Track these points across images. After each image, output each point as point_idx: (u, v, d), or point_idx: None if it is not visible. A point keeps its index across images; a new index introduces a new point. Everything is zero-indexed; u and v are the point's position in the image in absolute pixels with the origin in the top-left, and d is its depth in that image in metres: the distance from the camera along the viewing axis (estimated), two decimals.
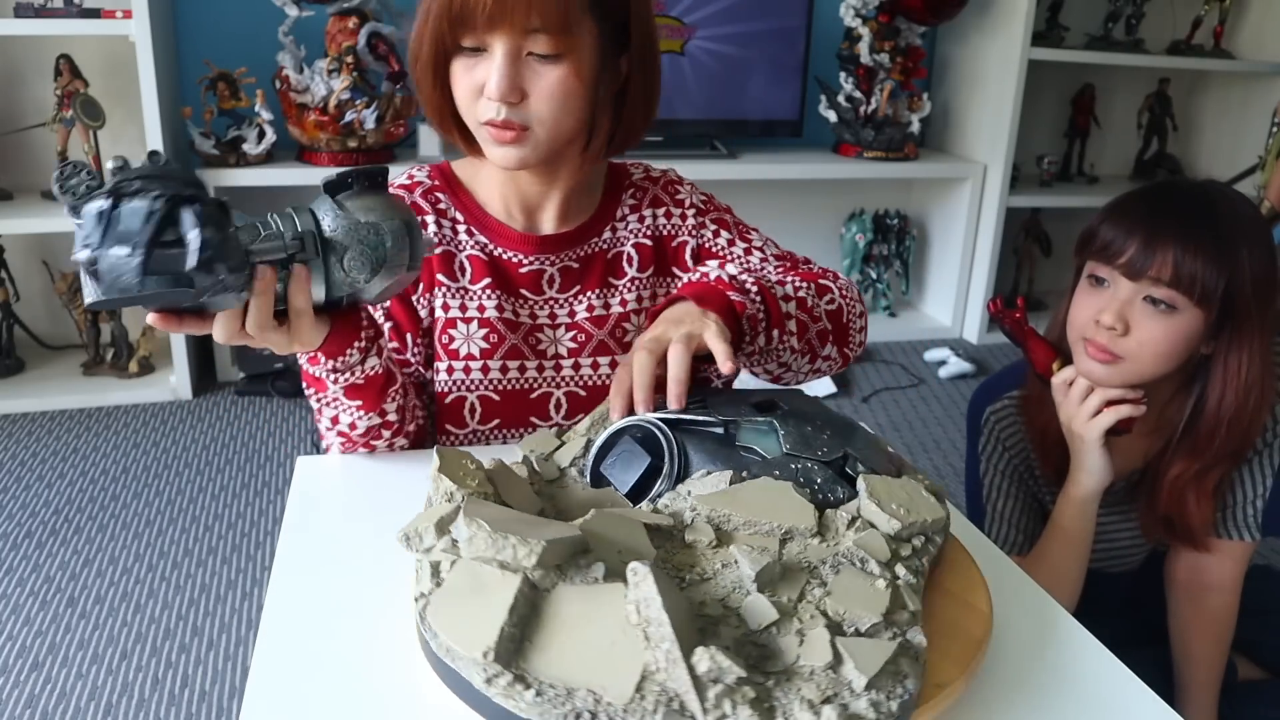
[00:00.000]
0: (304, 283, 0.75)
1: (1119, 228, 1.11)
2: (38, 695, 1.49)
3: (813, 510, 0.67)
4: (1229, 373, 1.12)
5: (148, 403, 2.49)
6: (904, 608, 0.62)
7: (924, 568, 0.68)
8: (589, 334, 1.06)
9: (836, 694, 0.55)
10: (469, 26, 0.88)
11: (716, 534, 0.66)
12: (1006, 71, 2.95)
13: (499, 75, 0.89)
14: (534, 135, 0.93)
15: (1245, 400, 1.12)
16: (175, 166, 0.65)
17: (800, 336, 0.96)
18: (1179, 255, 1.06)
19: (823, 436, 0.74)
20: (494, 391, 1.04)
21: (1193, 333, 1.09)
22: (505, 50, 0.89)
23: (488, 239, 1.04)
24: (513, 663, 0.55)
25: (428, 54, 0.93)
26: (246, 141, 2.49)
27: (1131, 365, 1.11)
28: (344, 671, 0.64)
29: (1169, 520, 1.21)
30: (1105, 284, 1.12)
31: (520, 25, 0.88)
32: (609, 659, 0.55)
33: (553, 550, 0.58)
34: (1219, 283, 1.06)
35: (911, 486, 0.72)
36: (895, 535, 0.68)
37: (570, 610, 0.58)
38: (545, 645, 0.56)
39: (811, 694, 0.54)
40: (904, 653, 0.59)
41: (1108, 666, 0.70)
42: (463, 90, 0.93)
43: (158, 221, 0.59)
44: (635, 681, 0.53)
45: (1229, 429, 1.13)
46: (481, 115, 0.93)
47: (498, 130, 0.92)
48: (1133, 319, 1.10)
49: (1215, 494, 1.20)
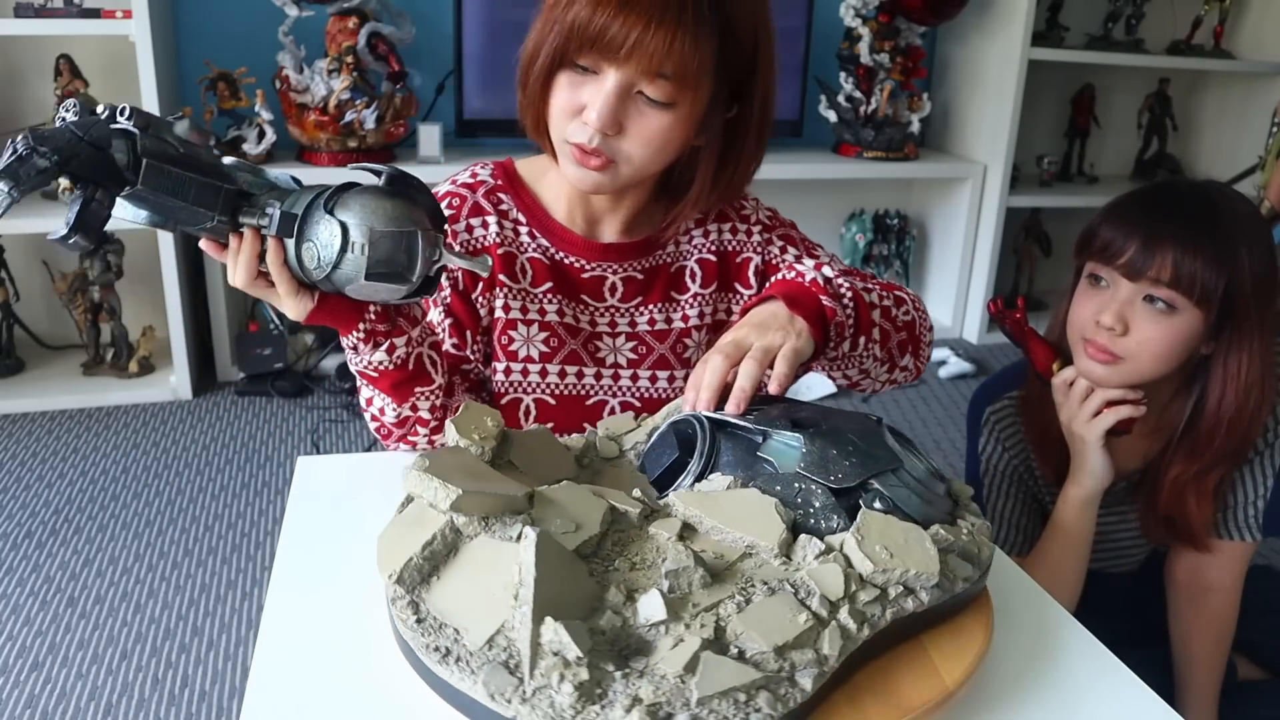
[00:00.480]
0: (275, 254, 0.78)
1: (1118, 228, 1.11)
2: (38, 695, 1.49)
3: (781, 531, 0.65)
4: (1229, 373, 1.12)
5: (148, 403, 2.49)
6: (813, 648, 0.59)
7: (882, 619, 0.62)
8: (650, 346, 1.05)
9: (668, 702, 0.54)
10: (596, 51, 0.86)
11: (682, 531, 0.66)
12: (1006, 71, 2.95)
13: (604, 107, 0.87)
14: (618, 169, 0.92)
15: (1245, 400, 1.12)
16: (98, 123, 0.70)
17: (883, 344, 0.95)
18: (1178, 256, 1.06)
19: (845, 462, 0.70)
20: (550, 395, 1.04)
21: (1192, 333, 1.09)
22: (618, 84, 0.87)
23: (550, 242, 1.03)
24: (415, 590, 0.63)
25: (545, 63, 0.90)
26: (246, 141, 2.49)
27: (1131, 365, 1.11)
28: (344, 672, 0.64)
29: (1169, 520, 1.21)
30: (1105, 284, 1.13)
31: (645, 67, 0.86)
32: (482, 607, 0.60)
33: (472, 500, 0.63)
34: (1218, 283, 1.06)
35: (916, 536, 0.66)
36: (867, 578, 0.63)
37: (479, 558, 0.63)
38: (445, 582, 0.63)
39: (646, 694, 0.54)
40: (770, 687, 0.56)
41: (1108, 666, 0.70)
42: (560, 104, 0.91)
43: (37, 182, 0.68)
44: (490, 633, 0.58)
45: (1229, 429, 1.13)
46: (571, 135, 0.91)
47: (583, 155, 0.91)
48: (1132, 319, 1.10)
49: (1215, 494, 1.20)
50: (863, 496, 0.69)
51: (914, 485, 0.71)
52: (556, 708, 0.54)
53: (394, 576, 0.62)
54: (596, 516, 0.66)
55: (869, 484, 0.70)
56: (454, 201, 1.03)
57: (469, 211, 1.03)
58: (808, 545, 0.65)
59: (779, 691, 0.56)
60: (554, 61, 0.89)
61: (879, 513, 0.68)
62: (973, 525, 0.72)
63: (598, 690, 0.54)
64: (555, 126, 0.93)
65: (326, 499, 0.89)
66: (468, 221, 1.02)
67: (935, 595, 0.65)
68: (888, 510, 0.69)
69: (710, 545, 0.66)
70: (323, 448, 2.33)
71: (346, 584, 0.74)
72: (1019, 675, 0.68)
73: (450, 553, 0.64)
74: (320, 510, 0.87)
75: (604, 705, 0.54)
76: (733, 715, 0.54)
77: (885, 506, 0.69)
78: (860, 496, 0.69)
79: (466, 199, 1.03)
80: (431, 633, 0.60)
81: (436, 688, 0.59)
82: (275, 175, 0.80)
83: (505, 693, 0.55)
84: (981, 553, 0.70)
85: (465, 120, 2.64)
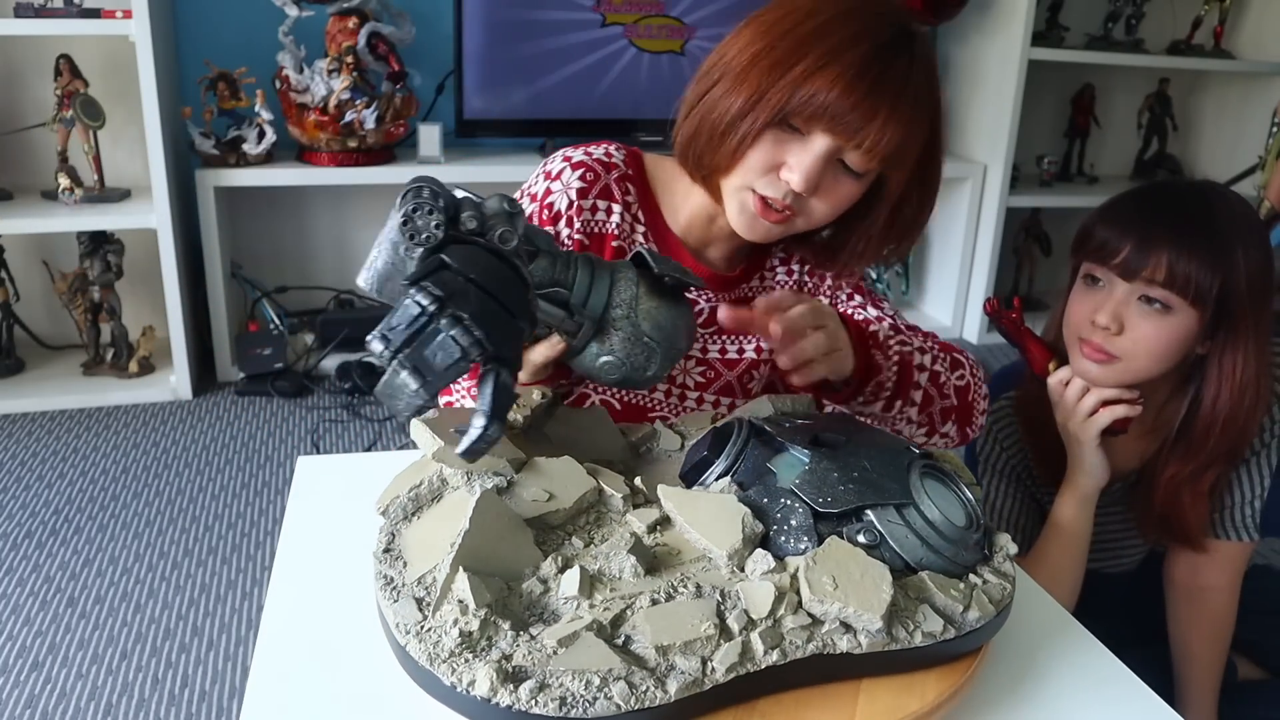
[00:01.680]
0: (554, 350, 0.76)
1: (1114, 228, 1.11)
2: (38, 695, 1.49)
3: (736, 542, 0.64)
4: (1224, 373, 1.12)
5: (148, 403, 2.49)
6: (700, 657, 0.58)
7: (801, 650, 0.60)
8: (719, 373, 1.05)
9: (531, 667, 0.56)
10: (825, 126, 0.85)
11: (657, 523, 0.67)
12: (1006, 71, 2.95)
13: (812, 171, 0.87)
14: (794, 223, 0.92)
15: (1241, 400, 1.12)
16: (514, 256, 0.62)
17: (922, 409, 0.95)
18: (1173, 256, 1.06)
19: (841, 488, 0.67)
20: (617, 400, 1.03)
21: (1188, 333, 1.09)
22: (827, 150, 0.86)
23: (659, 249, 1.02)
24: (395, 524, 0.69)
25: (762, 121, 0.87)
26: (246, 141, 2.49)
27: (1127, 365, 1.11)
28: (344, 672, 0.64)
29: (1164, 520, 1.21)
30: (1100, 284, 1.13)
31: (866, 148, 0.85)
32: (431, 549, 0.64)
33: (449, 453, 0.68)
34: (1214, 283, 1.06)
35: (876, 574, 0.63)
36: (804, 605, 0.61)
37: (451, 508, 0.68)
38: (421, 523, 0.69)
39: (519, 656, 0.57)
40: (631, 680, 0.55)
41: (1108, 666, 0.70)
42: (760, 159, 0.89)
43: (457, 372, 0.56)
44: (423, 571, 0.63)
45: (1224, 429, 1.13)
46: (762, 188, 0.90)
47: (766, 209, 0.90)
48: (1128, 319, 1.10)
49: (1211, 494, 1.20)
50: (850, 526, 0.67)
51: (919, 526, 0.67)
52: (438, 648, 0.58)
53: (381, 508, 0.70)
54: (576, 493, 0.68)
55: (864, 514, 0.67)
56: (588, 175, 1.00)
57: (599, 192, 1.00)
58: (759, 560, 0.64)
59: (640, 688, 0.56)
60: (770, 122, 0.87)
61: (850, 544, 0.65)
62: (982, 585, 0.67)
63: (481, 643, 0.58)
64: (742, 175, 0.91)
65: (326, 499, 0.89)
66: (595, 201, 1.00)
67: (880, 641, 0.61)
68: (873, 544, 0.66)
69: (678, 541, 0.66)
70: (323, 448, 2.33)
71: (346, 584, 0.74)
72: (1019, 675, 0.68)
73: (434, 499, 0.70)
74: (320, 510, 0.87)
75: (477, 655, 0.57)
76: (581, 694, 0.55)
77: (871, 540, 0.66)
78: (848, 525, 0.67)
79: (600, 177, 1.00)
80: (389, 564, 0.65)
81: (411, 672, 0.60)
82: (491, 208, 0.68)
83: (407, 624, 0.60)
84: (968, 614, 0.64)
85: (465, 120, 2.64)
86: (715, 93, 0.90)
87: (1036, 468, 1.28)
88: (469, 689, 0.55)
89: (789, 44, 0.86)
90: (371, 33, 2.46)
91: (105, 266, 2.46)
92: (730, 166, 0.91)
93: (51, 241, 2.58)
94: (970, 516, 0.70)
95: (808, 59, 0.85)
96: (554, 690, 0.55)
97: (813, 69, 0.84)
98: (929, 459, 0.73)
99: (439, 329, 0.55)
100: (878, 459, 0.71)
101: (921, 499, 0.68)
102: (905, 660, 0.63)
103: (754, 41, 0.88)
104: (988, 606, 0.65)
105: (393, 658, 0.63)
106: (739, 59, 0.89)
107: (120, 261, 2.49)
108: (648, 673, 0.56)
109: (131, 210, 2.41)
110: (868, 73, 0.84)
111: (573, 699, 0.55)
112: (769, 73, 0.86)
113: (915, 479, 0.70)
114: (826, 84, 0.84)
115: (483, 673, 0.55)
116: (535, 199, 1.01)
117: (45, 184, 2.50)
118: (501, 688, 0.55)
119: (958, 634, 0.64)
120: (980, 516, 0.71)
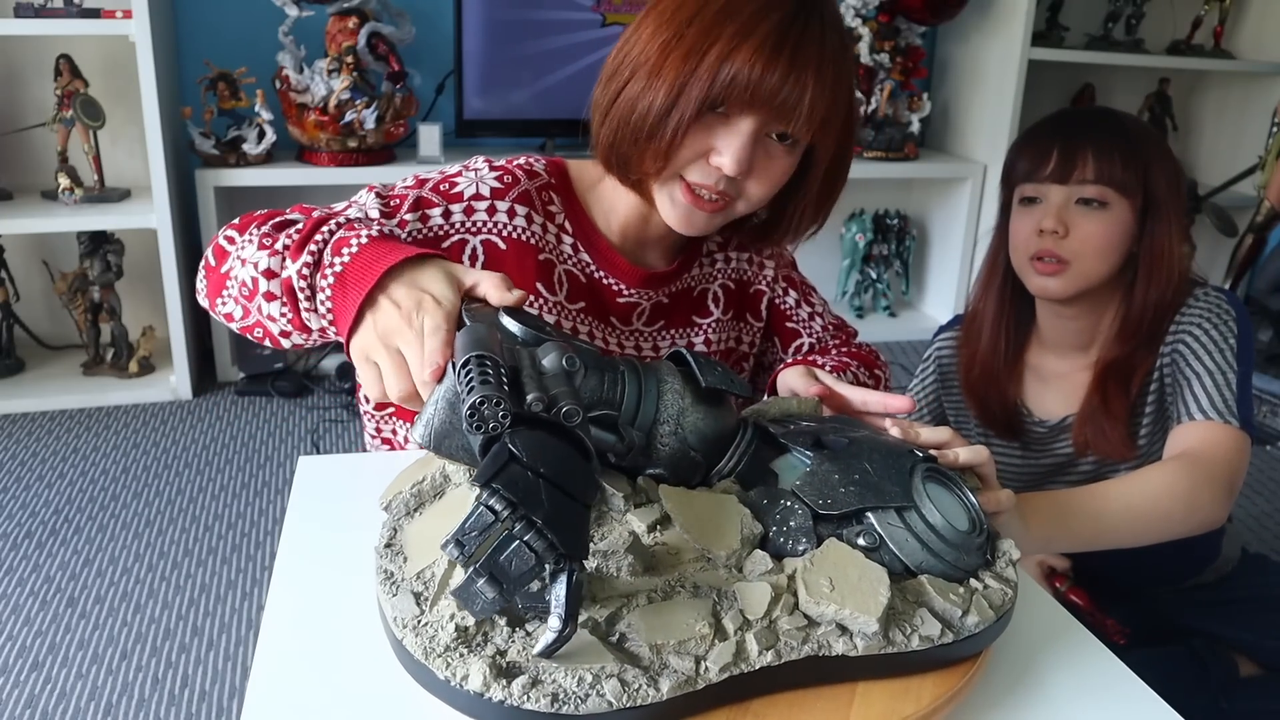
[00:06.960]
0: None
1: (1038, 145, 1.20)
2: (38, 695, 1.49)
3: (734, 543, 0.64)
4: (1155, 257, 1.19)
5: (148, 403, 2.49)
6: (694, 656, 0.58)
7: (796, 651, 0.60)
8: None
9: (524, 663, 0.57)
10: (756, 106, 0.83)
11: (658, 523, 0.67)
12: (1006, 71, 2.95)
13: (741, 153, 0.85)
14: (733, 208, 0.90)
15: (1168, 283, 1.19)
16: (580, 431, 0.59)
17: None
18: (1097, 153, 1.16)
19: (842, 490, 0.67)
20: None
21: (1125, 226, 1.18)
22: (754, 129, 0.85)
23: (593, 259, 0.99)
24: (398, 519, 0.70)
25: (692, 113, 0.84)
26: (246, 141, 2.50)
27: (1078, 268, 1.18)
28: (344, 672, 0.64)
29: (1094, 417, 1.22)
30: (1037, 201, 1.21)
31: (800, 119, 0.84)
32: (431, 544, 0.65)
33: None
34: (1138, 175, 1.16)
35: (874, 577, 0.62)
36: (800, 606, 0.61)
37: (452, 503, 0.69)
38: (422, 519, 0.70)
39: (513, 652, 0.57)
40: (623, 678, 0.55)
41: (1108, 666, 0.70)
42: (689, 150, 0.86)
43: (532, 576, 0.55)
44: (422, 566, 0.64)
45: (1155, 312, 1.19)
46: (693, 176, 0.88)
47: (696, 198, 0.88)
48: (1070, 222, 1.18)
49: (1134, 389, 1.22)
50: (850, 528, 0.66)
51: (920, 530, 0.66)
52: (434, 642, 0.58)
53: (384, 504, 0.71)
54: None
55: (864, 517, 0.67)
56: (505, 178, 0.96)
57: (518, 197, 0.96)
58: (758, 561, 0.64)
59: (632, 686, 0.56)
60: (699, 110, 0.84)
61: (849, 546, 0.65)
62: (983, 590, 0.67)
63: (477, 638, 0.58)
64: (670, 168, 0.88)
65: (326, 499, 0.89)
66: (512, 205, 0.96)
67: (877, 643, 0.61)
68: (873, 547, 0.65)
69: (677, 541, 0.66)
70: (323, 448, 2.33)
71: (346, 584, 0.74)
72: (1018, 677, 0.68)
73: (436, 495, 0.71)
74: (320, 510, 0.87)
75: (472, 650, 0.57)
76: (573, 690, 0.55)
77: (870, 543, 0.65)
78: (848, 527, 0.66)
79: (520, 181, 0.97)
80: (389, 558, 0.66)
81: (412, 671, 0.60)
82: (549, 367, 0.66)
83: (404, 618, 0.60)
84: (967, 619, 0.64)
85: (465, 120, 2.64)
86: (630, 91, 0.86)
87: (966, 401, 1.35)
88: (462, 684, 0.56)
89: (697, 29, 0.83)
90: (371, 33, 2.46)
91: (105, 266, 2.46)
92: (662, 168, 0.88)
93: (51, 241, 2.58)
94: (973, 521, 0.70)
95: (720, 40, 0.82)
96: (546, 686, 0.55)
97: (728, 50, 0.82)
98: (932, 462, 0.73)
99: (513, 535, 0.54)
100: (880, 462, 0.70)
101: (923, 502, 0.68)
102: (902, 664, 0.63)
103: (659, 32, 0.85)
104: (988, 612, 0.65)
105: (394, 659, 0.63)
106: (647, 52, 0.86)
107: (120, 261, 2.49)
108: (641, 671, 0.56)
109: (131, 210, 2.41)
110: (785, 43, 0.82)
111: (565, 695, 0.55)
112: (684, 62, 0.83)
113: (917, 482, 0.69)
114: (746, 62, 0.81)
115: (476, 668, 0.56)
116: (442, 174, 0.97)
117: (45, 184, 2.50)
118: (494, 683, 0.55)
119: (956, 639, 0.63)
120: (983, 521, 0.71)
